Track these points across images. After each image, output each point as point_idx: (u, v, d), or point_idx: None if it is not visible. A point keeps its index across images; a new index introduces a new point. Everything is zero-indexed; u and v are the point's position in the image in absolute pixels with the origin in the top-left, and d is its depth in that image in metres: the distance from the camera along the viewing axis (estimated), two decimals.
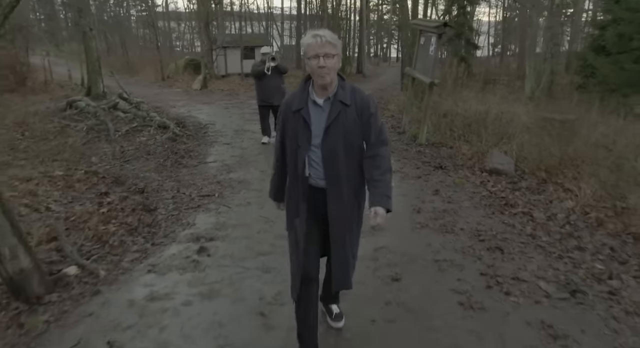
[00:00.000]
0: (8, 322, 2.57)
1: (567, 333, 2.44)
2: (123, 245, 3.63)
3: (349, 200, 2.09)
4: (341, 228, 2.09)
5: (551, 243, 3.59)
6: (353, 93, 2.03)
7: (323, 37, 1.90)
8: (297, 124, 2.03)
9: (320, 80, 1.94)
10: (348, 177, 2.06)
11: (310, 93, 2.04)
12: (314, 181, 2.08)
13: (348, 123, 2.00)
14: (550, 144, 6.04)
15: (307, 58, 1.94)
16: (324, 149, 2.01)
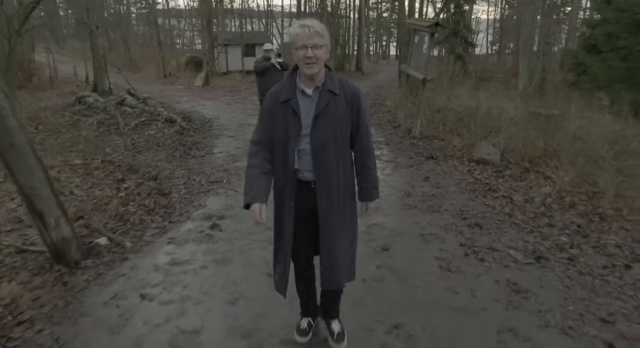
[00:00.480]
0: (53, 281, 3.03)
1: (527, 288, 2.90)
2: (143, 223, 4.09)
3: (339, 194, 2.05)
4: (331, 222, 2.04)
5: (525, 221, 4.05)
6: (341, 83, 2.03)
7: (311, 27, 1.87)
8: (286, 115, 1.98)
9: (308, 70, 1.91)
10: (338, 168, 2.02)
11: (297, 83, 2.01)
12: (301, 175, 2.04)
13: (338, 112, 1.97)
14: (534, 137, 6.50)
15: (295, 48, 1.90)
16: (313, 139, 1.96)
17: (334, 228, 2.05)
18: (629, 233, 3.72)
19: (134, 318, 2.62)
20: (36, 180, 2.94)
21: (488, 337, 2.44)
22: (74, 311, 2.70)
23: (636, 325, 2.52)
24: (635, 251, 3.40)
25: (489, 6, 34.83)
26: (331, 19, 25.26)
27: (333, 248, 2.06)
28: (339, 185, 2.03)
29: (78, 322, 2.60)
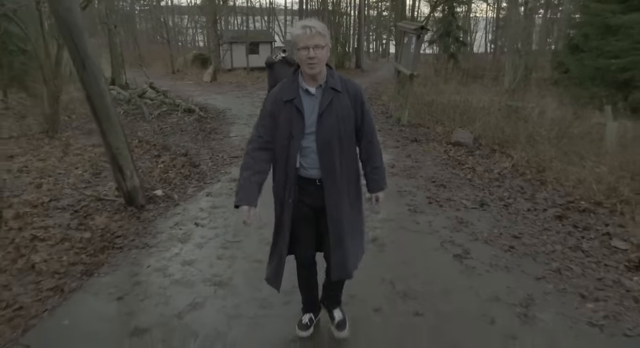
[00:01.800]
0: (129, 217, 4.26)
1: (468, 221, 4.14)
2: (183, 184, 5.33)
3: (346, 189, 2.11)
4: (340, 217, 2.11)
5: (480, 184, 5.29)
6: (343, 81, 2.10)
7: (313, 28, 1.92)
8: (290, 114, 2.03)
9: (310, 70, 1.97)
10: (342, 165, 2.08)
11: (300, 82, 2.06)
12: (305, 172, 2.09)
13: (341, 109, 2.03)
14: (503, 124, 7.75)
15: (297, 49, 1.96)
16: (318, 137, 2.02)
17: (343, 223, 2.12)
18: (557, 192, 4.94)
19: (194, 235, 3.86)
20: (120, 142, 4.17)
21: (435, 244, 3.68)
22: (151, 231, 3.94)
23: (535, 239, 3.75)
24: (557, 202, 4.63)
25: (487, 6, 36.04)
26: (332, 17, 26.46)
27: (343, 243, 2.13)
28: (346, 180, 2.11)
29: (156, 236, 3.83)
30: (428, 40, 18.66)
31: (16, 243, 3.58)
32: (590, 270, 3.26)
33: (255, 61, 21.91)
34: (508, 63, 13.60)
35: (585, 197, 4.68)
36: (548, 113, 8.17)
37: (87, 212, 4.35)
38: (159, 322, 2.62)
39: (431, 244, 3.69)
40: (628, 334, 2.53)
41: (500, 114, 8.29)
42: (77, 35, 3.58)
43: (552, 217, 4.24)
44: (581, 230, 3.96)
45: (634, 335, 2.52)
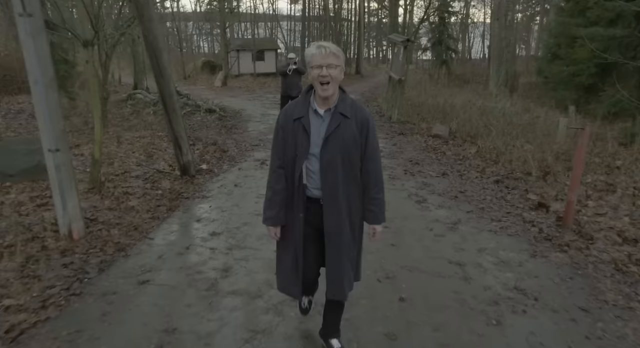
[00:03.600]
0: (186, 182, 5.99)
1: (431, 183, 5.86)
2: (219, 163, 7.07)
3: (346, 213, 2.17)
4: (337, 241, 2.17)
5: (446, 163, 7.03)
6: (353, 107, 2.13)
7: (327, 48, 2.01)
8: (296, 132, 2.10)
9: (323, 91, 2.03)
10: (344, 189, 2.13)
11: (311, 103, 2.12)
12: (309, 191, 2.16)
13: (347, 135, 2.07)
14: (476, 121, 9.51)
15: (311, 67, 2.02)
16: (322, 159, 2.07)
17: (340, 247, 2.19)
18: (504, 168, 6.66)
19: (235, 192, 5.59)
20: (180, 128, 5.92)
21: (404, 195, 5.41)
22: (204, 190, 5.68)
23: (474, 193, 5.48)
24: (500, 173, 6.36)
25: (485, 13, 37.95)
26: (333, 23, 28.36)
27: (338, 266, 2.22)
28: (347, 205, 2.16)
29: (209, 192, 5.57)
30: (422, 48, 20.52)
31: (115, 195, 5.32)
32: (505, 209, 4.99)
33: (261, 67, 23.79)
34: (492, 69, 15.38)
35: (521, 170, 6.42)
36: (516, 112, 9.92)
37: (154, 179, 6.09)
38: (225, 230, 4.35)
39: (401, 195, 5.42)
40: (510, 234, 4.26)
41: (474, 113, 10.04)
42: (158, 53, 5.35)
43: (492, 182, 5.99)
44: (509, 189, 5.69)
45: (514, 234, 4.25)
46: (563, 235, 4.23)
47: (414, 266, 3.60)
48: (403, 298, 3.13)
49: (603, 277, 3.44)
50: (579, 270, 3.55)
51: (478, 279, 3.40)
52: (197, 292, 3.21)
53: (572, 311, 2.97)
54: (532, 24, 40.31)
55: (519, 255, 3.83)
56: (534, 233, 4.30)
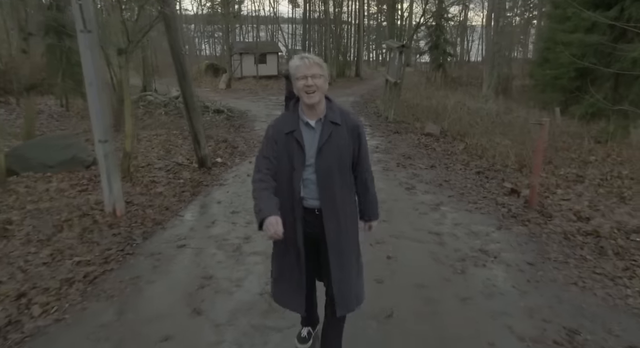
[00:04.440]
0: (204, 173, 6.85)
1: (420, 174, 6.72)
2: (231, 157, 7.93)
3: (344, 219, 2.22)
4: (339, 248, 2.22)
5: (435, 157, 7.89)
6: (342, 114, 2.20)
7: (310, 59, 2.09)
8: (290, 146, 2.13)
9: (308, 99, 2.07)
10: (342, 196, 2.20)
11: (300, 115, 2.16)
12: (305, 202, 2.20)
13: (340, 142, 2.15)
14: (465, 120, 10.38)
15: (296, 79, 2.09)
16: (318, 169, 2.13)
17: (344, 254, 2.24)
18: (487, 162, 7.51)
19: (247, 181, 6.38)
20: (199, 125, 6.79)
21: (395, 183, 6.26)
22: (220, 179, 6.54)
23: (457, 182, 6.35)
24: (482, 166, 7.21)
25: (482, 16, 38.93)
26: (333, 26, 29.26)
27: (344, 274, 2.25)
28: (344, 211, 2.23)
29: (226, 181, 6.43)
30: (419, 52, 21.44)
31: (144, 183, 6.18)
32: (482, 194, 5.85)
33: (263, 70, 24.69)
34: (485, 72, 16.28)
35: (502, 163, 7.28)
36: (498, 112, 10.79)
37: (175, 170, 6.95)
38: (242, 209, 5.20)
39: (393, 183, 6.28)
40: (483, 213, 5.12)
41: (464, 113, 10.91)
42: (182, 60, 6.22)
43: (474, 173, 6.85)
44: (488, 179, 6.55)
45: (486, 213, 5.11)
46: (527, 214, 5.09)
47: (400, 235, 4.45)
48: (390, 256, 3.98)
49: (552, 243, 4.30)
50: (533, 238, 4.41)
51: (451, 244, 4.26)
52: (225, 253, 4.07)
53: (521, 265, 3.83)
54: (530, 27, 41.27)
55: (487, 228, 4.68)
56: (503, 212, 5.16)
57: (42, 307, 3.18)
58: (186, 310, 3.13)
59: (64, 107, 13.58)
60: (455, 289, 3.43)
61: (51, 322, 2.99)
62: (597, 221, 4.90)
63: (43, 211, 4.98)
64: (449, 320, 3.03)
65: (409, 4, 23.51)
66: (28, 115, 8.10)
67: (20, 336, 2.84)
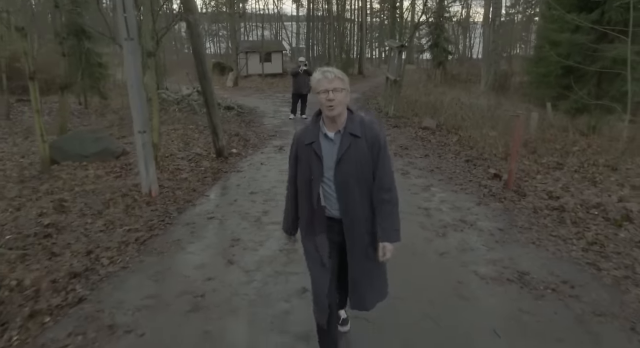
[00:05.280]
0: (221, 162, 7.74)
1: (415, 162, 7.58)
2: (244, 149, 8.82)
3: (364, 230, 2.30)
4: (359, 256, 2.32)
5: (430, 148, 8.74)
6: (362, 125, 2.24)
7: (332, 72, 2.16)
8: (309, 157, 2.24)
9: (329, 112, 2.15)
10: (362, 206, 2.27)
11: (321, 127, 2.26)
12: (329, 212, 2.30)
13: (359, 154, 2.19)
14: (460, 114, 11.22)
15: (317, 93, 2.17)
16: (337, 181, 2.21)
17: (363, 262, 2.34)
18: (477, 152, 8.34)
19: (262, 168, 7.32)
20: (217, 120, 7.67)
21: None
22: (237, 166, 7.42)
23: (447, 168, 7.20)
24: (472, 155, 8.05)
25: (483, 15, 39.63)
26: (336, 23, 30.06)
27: (363, 279, 2.38)
28: (366, 222, 2.30)
29: (242, 168, 7.31)
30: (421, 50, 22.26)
31: (170, 170, 7.06)
32: (468, 178, 6.70)
33: (268, 68, 25.56)
34: (483, 70, 17.09)
35: (489, 153, 8.13)
36: (489, 107, 11.61)
37: (196, 160, 7.84)
38: (259, 191, 6.08)
39: None
40: (467, 193, 5.98)
41: (459, 109, 11.75)
42: (204, 61, 7.10)
43: (463, 161, 7.70)
44: (476, 166, 7.40)
45: (469, 193, 5.96)
46: (505, 193, 5.94)
47: None
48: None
49: (521, 215, 5.15)
50: (506, 212, 5.26)
51: (436, 216, 5.12)
52: (248, 222, 4.95)
53: (492, 230, 4.69)
54: (532, 24, 41.95)
55: (469, 204, 5.54)
56: (484, 192, 6.01)
57: (109, 259, 4.07)
58: (222, 261, 4.02)
59: (82, 105, 14.51)
60: (435, 247, 4.29)
61: (119, 269, 3.88)
62: (565, 199, 5.75)
63: (89, 192, 5.89)
64: (428, 267, 3.89)
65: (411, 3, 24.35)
66: (62, 112, 9.01)
67: (97, 278, 3.73)
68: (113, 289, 3.53)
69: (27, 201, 5.57)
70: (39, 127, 6.65)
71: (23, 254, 4.14)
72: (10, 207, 5.30)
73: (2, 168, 7.19)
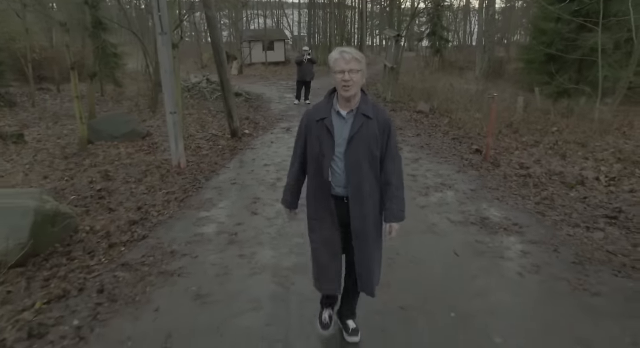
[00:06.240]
0: (236, 141, 8.81)
1: (407, 140, 8.62)
2: (255, 130, 9.87)
3: (369, 209, 2.37)
4: (363, 234, 2.38)
5: (422, 128, 9.78)
6: (375, 109, 2.35)
7: (349, 53, 2.20)
8: (320, 133, 2.32)
9: (345, 92, 2.23)
10: (369, 186, 2.34)
11: (334, 105, 2.33)
12: (333, 190, 2.37)
13: (370, 135, 2.28)
14: (451, 99, 12.24)
15: (334, 72, 2.23)
16: (347, 159, 2.29)
17: (367, 239, 2.41)
18: (464, 132, 9.38)
19: (272, 146, 8.37)
20: (232, 103, 8.71)
21: None
22: (250, 144, 8.48)
23: (435, 145, 8.25)
24: (459, 135, 9.09)
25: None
26: (337, 11, 30.76)
27: (367, 258, 2.44)
28: (371, 202, 2.38)
29: (255, 146, 8.37)
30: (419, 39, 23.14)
31: (192, 148, 8.11)
32: (452, 152, 7.75)
33: (271, 57, 26.48)
34: (477, 56, 18.03)
35: (474, 132, 9.17)
36: (477, 91, 12.60)
37: (213, 139, 8.90)
38: (272, 163, 7.14)
39: None
40: (449, 164, 7.04)
41: (450, 93, 12.76)
42: (220, 51, 8.11)
43: (450, 139, 8.75)
44: (461, 143, 8.44)
45: (451, 163, 7.02)
46: (482, 164, 7.00)
47: None
48: None
49: (492, 179, 6.21)
50: (480, 177, 6.32)
51: (421, 181, 6.19)
52: (265, 186, 6.02)
53: (465, 191, 5.75)
54: (532, 10, 42.59)
55: (450, 172, 6.60)
56: (465, 163, 7.07)
57: (157, 212, 5.16)
58: (247, 213, 5.10)
59: (99, 93, 15.51)
60: (418, 202, 5.37)
61: (166, 218, 4.97)
62: (533, 169, 6.81)
63: (127, 165, 6.96)
64: (411, 215, 4.92)
65: None
66: (90, 98, 10.04)
67: (151, 224, 4.81)
68: (166, 230, 4.62)
69: (76, 172, 6.65)
70: (78, 111, 7.69)
71: (86, 210, 5.23)
72: (65, 176, 6.39)
73: (45, 147, 8.26)
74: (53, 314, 3.10)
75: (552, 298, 3.27)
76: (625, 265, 3.70)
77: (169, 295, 3.38)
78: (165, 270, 3.77)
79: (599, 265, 3.74)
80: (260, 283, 3.55)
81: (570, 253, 3.96)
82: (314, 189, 2.46)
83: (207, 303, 3.27)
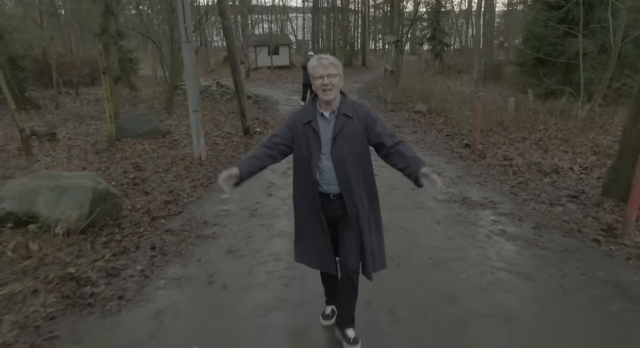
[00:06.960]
0: (248, 138, 9.75)
1: (404, 136, 9.51)
2: (265, 129, 10.81)
3: (361, 202, 2.56)
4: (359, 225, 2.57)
5: (419, 127, 10.69)
6: (354, 107, 2.53)
7: (326, 59, 2.41)
8: (307, 134, 2.49)
9: (325, 96, 2.43)
10: (358, 178, 2.53)
11: (317, 108, 2.53)
12: (321, 188, 2.55)
13: (352, 132, 2.47)
14: (447, 100, 13.15)
15: (313, 78, 2.43)
16: (333, 156, 2.47)
17: (363, 228, 2.59)
18: (458, 130, 10.28)
19: None
20: (245, 103, 9.65)
21: None
22: (258, 140, 9.39)
23: (430, 140, 9.16)
24: (453, 132, 9.99)
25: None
26: (340, 16, 31.82)
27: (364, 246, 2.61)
28: (362, 194, 2.57)
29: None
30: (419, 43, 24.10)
31: (209, 144, 9.04)
32: (444, 147, 8.65)
33: (276, 61, 27.50)
34: (475, 60, 18.94)
35: (466, 129, 10.07)
36: (470, 93, 13.50)
37: (227, 137, 9.83)
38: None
39: None
40: (441, 156, 7.94)
41: (446, 95, 13.67)
42: (235, 57, 9.06)
43: (444, 135, 9.66)
44: (453, 139, 9.34)
45: (443, 156, 7.93)
46: (469, 156, 7.89)
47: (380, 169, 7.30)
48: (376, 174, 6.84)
49: (478, 168, 7.11)
50: (467, 167, 7.22)
51: None
52: (277, 174, 6.93)
53: (452, 177, 6.65)
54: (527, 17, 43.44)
55: (440, 162, 7.50)
56: (454, 155, 7.97)
57: (187, 194, 6.09)
58: (264, 194, 6.02)
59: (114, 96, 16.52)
60: (410, 185, 6.26)
61: (196, 199, 5.90)
62: (515, 160, 7.70)
63: (154, 158, 7.91)
64: (403, 196, 5.87)
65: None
66: (115, 100, 11.01)
67: (184, 203, 5.74)
68: (197, 207, 5.55)
69: (110, 164, 7.60)
70: (108, 111, 8.65)
71: (125, 194, 6.16)
72: (101, 167, 7.33)
73: (76, 144, 9.23)
74: (120, 263, 4.03)
75: (510, 251, 4.17)
76: (572, 229, 4.59)
77: (207, 251, 4.30)
78: (201, 234, 4.69)
79: (552, 229, 4.64)
80: (279, 243, 4.46)
81: (532, 222, 4.85)
82: (300, 190, 2.67)
83: (238, 256, 4.19)
